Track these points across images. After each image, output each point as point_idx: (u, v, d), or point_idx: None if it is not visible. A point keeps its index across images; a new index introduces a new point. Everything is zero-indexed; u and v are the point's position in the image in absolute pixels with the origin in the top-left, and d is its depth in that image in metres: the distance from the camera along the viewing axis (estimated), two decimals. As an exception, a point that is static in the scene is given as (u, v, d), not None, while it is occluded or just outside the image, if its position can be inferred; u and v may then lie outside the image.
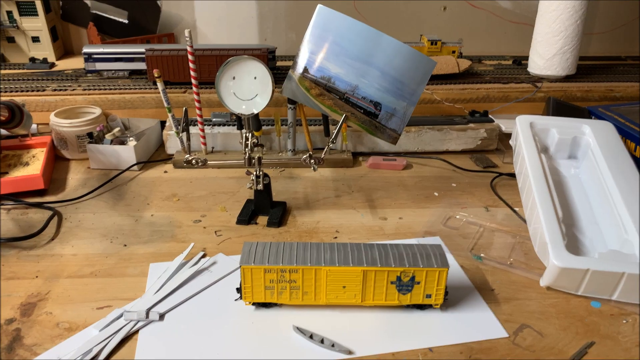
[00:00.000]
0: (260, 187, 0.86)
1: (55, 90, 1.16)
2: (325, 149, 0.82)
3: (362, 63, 0.71)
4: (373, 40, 0.70)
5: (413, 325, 0.65)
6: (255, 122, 1.02)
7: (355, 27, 0.70)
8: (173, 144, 1.08)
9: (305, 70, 0.72)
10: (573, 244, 0.78)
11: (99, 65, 1.25)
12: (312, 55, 0.72)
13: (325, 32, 0.71)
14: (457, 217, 0.89)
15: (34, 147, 1.06)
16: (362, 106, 0.72)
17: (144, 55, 1.19)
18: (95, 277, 0.73)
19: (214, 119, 1.10)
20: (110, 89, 1.17)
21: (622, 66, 1.44)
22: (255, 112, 0.80)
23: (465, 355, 0.61)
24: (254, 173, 0.86)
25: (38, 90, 1.16)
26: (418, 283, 0.64)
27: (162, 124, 1.14)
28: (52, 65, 1.37)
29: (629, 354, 0.61)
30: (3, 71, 1.31)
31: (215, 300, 0.69)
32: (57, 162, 1.07)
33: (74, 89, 1.17)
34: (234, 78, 0.79)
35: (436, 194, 0.97)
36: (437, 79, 1.25)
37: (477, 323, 0.65)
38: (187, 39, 0.90)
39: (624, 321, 0.66)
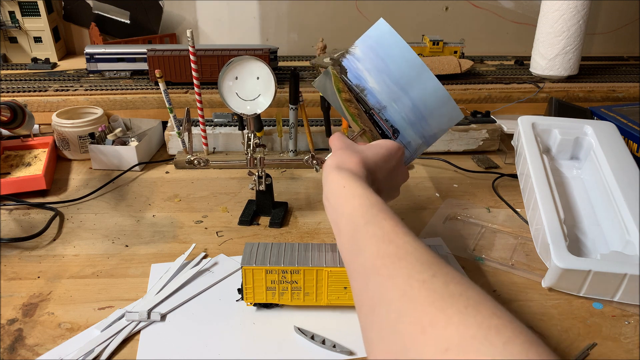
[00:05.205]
0: (262, 187, 0.86)
1: (57, 90, 1.16)
2: (328, 150, 0.82)
3: (399, 88, 0.70)
4: (417, 71, 0.70)
5: (414, 326, 0.65)
6: (257, 122, 1.02)
7: (405, 53, 0.69)
8: (175, 145, 1.08)
9: (344, 71, 0.71)
10: (575, 245, 0.77)
11: (101, 66, 1.26)
12: (356, 61, 0.71)
13: (377, 45, 0.70)
14: (459, 217, 0.89)
15: (35, 147, 1.06)
16: (382, 127, 0.72)
17: (145, 56, 1.19)
18: (97, 278, 0.73)
19: (215, 120, 1.10)
20: (112, 90, 1.17)
21: (625, 66, 1.44)
22: (259, 112, 0.80)
23: (466, 356, 0.60)
24: (256, 174, 0.86)
25: (40, 91, 1.16)
26: (419, 284, 0.63)
27: (164, 124, 1.14)
28: (54, 65, 1.38)
29: (630, 356, 0.61)
30: (5, 71, 1.31)
31: (216, 300, 0.69)
32: (59, 163, 1.07)
33: (75, 90, 1.17)
34: (236, 78, 0.79)
35: (437, 194, 0.97)
36: (439, 79, 1.24)
37: (479, 324, 0.65)
38: (189, 39, 0.90)
39: (626, 322, 0.66)
